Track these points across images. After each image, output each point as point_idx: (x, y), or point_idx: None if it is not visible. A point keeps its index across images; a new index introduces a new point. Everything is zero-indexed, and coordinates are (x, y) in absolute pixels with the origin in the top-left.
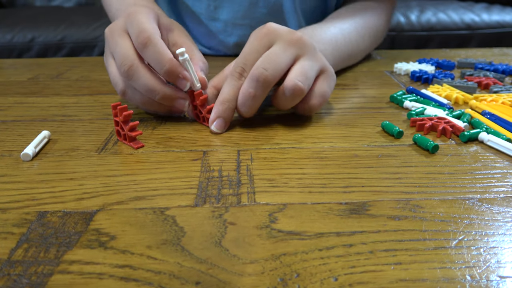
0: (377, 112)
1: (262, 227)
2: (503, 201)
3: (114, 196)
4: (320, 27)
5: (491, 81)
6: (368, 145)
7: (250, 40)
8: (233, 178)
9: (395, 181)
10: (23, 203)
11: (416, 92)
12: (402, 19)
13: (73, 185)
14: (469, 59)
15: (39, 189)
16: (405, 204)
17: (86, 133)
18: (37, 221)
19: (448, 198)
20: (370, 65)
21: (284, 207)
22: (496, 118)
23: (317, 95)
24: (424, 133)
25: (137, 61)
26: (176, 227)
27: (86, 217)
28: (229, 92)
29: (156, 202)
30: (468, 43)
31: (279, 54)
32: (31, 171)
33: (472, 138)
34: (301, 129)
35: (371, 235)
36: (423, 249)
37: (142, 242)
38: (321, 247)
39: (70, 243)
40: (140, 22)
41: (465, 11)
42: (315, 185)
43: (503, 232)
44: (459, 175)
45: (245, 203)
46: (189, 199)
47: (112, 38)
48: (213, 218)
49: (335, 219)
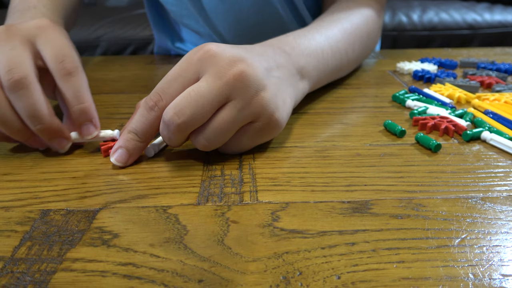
0: (380, 111)
1: (265, 226)
2: (506, 200)
3: (117, 195)
4: (304, 35)
5: (494, 80)
6: (371, 144)
7: (180, 62)
8: (236, 177)
9: (398, 180)
10: (26, 201)
11: (419, 91)
12: (404, 19)
13: (76, 184)
14: (471, 59)
15: (42, 187)
16: (407, 203)
17: None
18: (40, 219)
19: (451, 197)
20: (372, 64)
21: (286, 205)
22: (499, 117)
23: (230, 145)
24: (427, 132)
25: (34, 76)
26: (178, 225)
27: (89, 215)
28: (137, 123)
29: (158, 201)
30: (470, 42)
31: (203, 94)
32: (34, 169)
33: (474, 137)
34: (304, 128)
35: (373, 234)
36: (426, 247)
37: (145, 240)
38: (323, 245)
39: (73, 241)
40: (61, 44)
41: (467, 11)
42: (317, 184)
43: (506, 231)
44: (461, 174)
45: (248, 201)
46: (192, 197)
47: (6, 37)
48: (215, 216)
49: (338, 218)
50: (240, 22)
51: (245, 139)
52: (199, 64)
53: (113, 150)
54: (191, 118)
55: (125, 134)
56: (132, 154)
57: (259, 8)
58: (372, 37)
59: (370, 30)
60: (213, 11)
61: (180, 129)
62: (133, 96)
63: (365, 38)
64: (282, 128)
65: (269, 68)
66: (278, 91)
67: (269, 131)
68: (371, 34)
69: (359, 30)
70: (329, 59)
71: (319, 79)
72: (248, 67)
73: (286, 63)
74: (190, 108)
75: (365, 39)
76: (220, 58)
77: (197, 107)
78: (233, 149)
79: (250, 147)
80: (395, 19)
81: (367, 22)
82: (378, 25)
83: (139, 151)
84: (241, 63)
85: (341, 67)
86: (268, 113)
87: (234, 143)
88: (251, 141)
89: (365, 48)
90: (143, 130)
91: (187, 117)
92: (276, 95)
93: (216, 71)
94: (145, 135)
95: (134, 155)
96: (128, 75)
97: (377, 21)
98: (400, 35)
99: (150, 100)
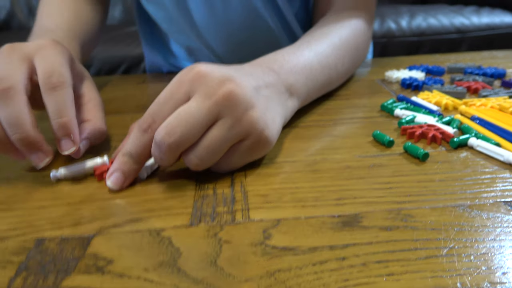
0: (369, 121)
1: (257, 244)
2: (493, 207)
3: (111, 219)
4: (293, 52)
5: (480, 85)
6: (360, 156)
7: (170, 83)
8: (228, 196)
9: (387, 191)
10: (21, 230)
11: (407, 99)
12: (393, 26)
13: (70, 210)
14: (458, 64)
15: (36, 215)
16: (396, 214)
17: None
18: (35, 248)
19: (439, 206)
20: (361, 74)
21: (278, 222)
22: (485, 122)
23: (221, 164)
24: (415, 141)
25: (22, 88)
26: (172, 248)
27: (83, 242)
28: (131, 146)
29: (152, 223)
30: (459, 46)
31: (193, 113)
32: (29, 197)
33: (462, 144)
34: (294, 142)
35: (363, 247)
36: (415, 258)
37: (139, 265)
38: (314, 261)
39: (68, 269)
40: (54, 60)
41: (455, 15)
42: (308, 199)
43: (492, 238)
44: (449, 182)
45: (240, 220)
46: (185, 218)
47: (7, 54)
48: (208, 237)
49: (328, 233)
50: (232, 37)
51: (235, 158)
52: (189, 85)
53: (109, 174)
54: (182, 137)
55: (119, 157)
56: (127, 177)
57: (250, 23)
58: (361, 49)
59: (359, 42)
60: (204, 26)
61: (171, 149)
62: (126, 117)
63: (354, 51)
64: (272, 145)
65: (257, 87)
66: (267, 109)
67: (259, 149)
68: (360, 46)
69: (348, 43)
70: (318, 75)
71: (308, 95)
72: (236, 87)
73: (275, 82)
74: (181, 128)
75: (355, 52)
76: (209, 78)
77: (187, 126)
78: (224, 168)
79: (241, 165)
80: (384, 26)
81: (357, 34)
82: (367, 36)
83: (134, 173)
84: (230, 82)
85: (331, 81)
86: (258, 131)
87: (225, 162)
88: (242, 159)
89: (355, 61)
90: (137, 153)
91: (178, 136)
92: (265, 113)
93: (205, 91)
94: (140, 157)
95: (129, 178)
96: (120, 95)
97: (367, 32)
98: (389, 41)
99: (143, 123)
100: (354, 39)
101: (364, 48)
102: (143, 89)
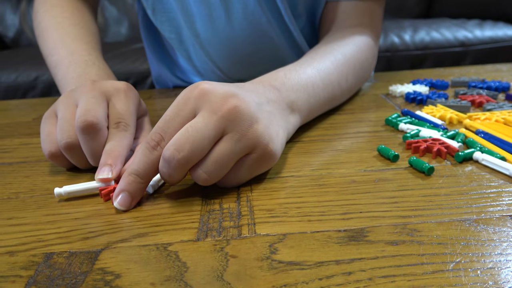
0: (374, 136)
1: (263, 259)
2: (499, 221)
3: (118, 234)
4: (295, 69)
5: (484, 99)
6: (365, 170)
7: (176, 101)
8: (234, 210)
9: (392, 205)
10: (30, 245)
11: (411, 114)
12: (396, 40)
13: (78, 225)
14: (462, 78)
15: (45, 230)
16: (402, 229)
17: (92, 171)
18: (44, 263)
19: (445, 220)
20: (365, 88)
21: (284, 237)
22: (490, 136)
23: (228, 178)
24: (420, 155)
25: (105, 125)
26: (179, 263)
27: (91, 256)
28: (139, 164)
29: (159, 238)
30: (463, 60)
31: (200, 129)
32: (38, 212)
33: (467, 158)
34: (299, 156)
35: (369, 262)
36: (421, 273)
37: (146, 280)
38: (321, 276)
39: (76, 284)
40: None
41: (458, 29)
42: (314, 213)
43: (499, 252)
44: (455, 196)
45: (246, 234)
46: (191, 233)
47: (84, 93)
48: (214, 252)
49: (335, 247)
50: (236, 52)
51: (242, 172)
52: (195, 102)
53: (115, 195)
54: (191, 152)
55: (125, 176)
56: (134, 197)
57: (254, 38)
58: (365, 65)
59: (364, 59)
60: (208, 41)
61: (180, 164)
62: None
63: (358, 68)
64: (277, 158)
65: (260, 103)
66: (270, 123)
67: (264, 162)
68: (365, 63)
69: (352, 60)
70: (320, 92)
71: (310, 112)
72: (240, 102)
73: (276, 98)
74: (189, 143)
75: (359, 69)
76: (213, 95)
77: (195, 142)
78: (231, 182)
79: (247, 179)
80: (387, 40)
81: (361, 51)
82: (372, 53)
83: (141, 192)
84: (233, 98)
85: (334, 98)
86: (263, 144)
87: (232, 176)
88: (248, 173)
89: (359, 77)
90: (145, 171)
91: (187, 152)
92: (269, 127)
93: (211, 107)
94: (147, 175)
95: (136, 198)
96: None
97: (372, 50)
98: (393, 55)
99: (151, 141)
100: (358, 56)
101: (369, 65)
102: (150, 105)
